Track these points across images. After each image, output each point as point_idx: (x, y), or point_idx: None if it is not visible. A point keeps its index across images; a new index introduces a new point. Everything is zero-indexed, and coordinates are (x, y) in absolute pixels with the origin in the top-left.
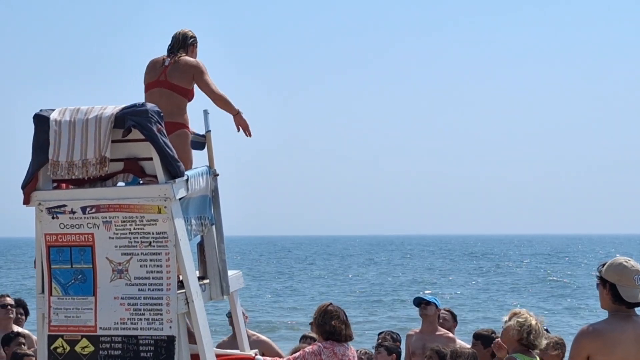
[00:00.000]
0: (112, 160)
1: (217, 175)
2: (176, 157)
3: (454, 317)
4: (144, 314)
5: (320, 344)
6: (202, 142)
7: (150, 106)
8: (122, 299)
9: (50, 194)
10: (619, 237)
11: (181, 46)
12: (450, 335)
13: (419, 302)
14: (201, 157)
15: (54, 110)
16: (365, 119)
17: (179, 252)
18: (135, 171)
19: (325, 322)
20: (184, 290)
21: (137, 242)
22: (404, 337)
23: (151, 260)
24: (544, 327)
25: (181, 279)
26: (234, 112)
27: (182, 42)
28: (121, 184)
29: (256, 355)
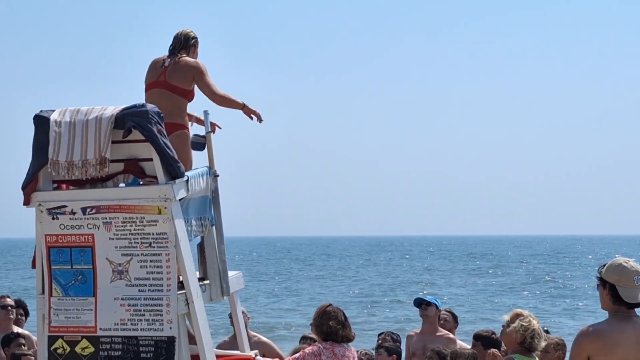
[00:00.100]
0: (112, 161)
1: (217, 176)
2: (176, 157)
3: (454, 318)
4: (144, 315)
5: (320, 345)
6: (202, 143)
7: (150, 107)
8: (122, 299)
9: (50, 194)
10: (619, 237)
11: (183, 47)
12: (450, 336)
13: (420, 303)
14: (201, 158)
15: (54, 111)
16: (365, 120)
17: (179, 252)
18: (135, 172)
19: (323, 323)
20: (184, 291)
21: (137, 243)
22: (403, 338)
23: (151, 261)
24: (543, 329)
25: (181, 279)
26: (240, 107)
27: (183, 42)
28: (121, 185)
29: (256, 356)
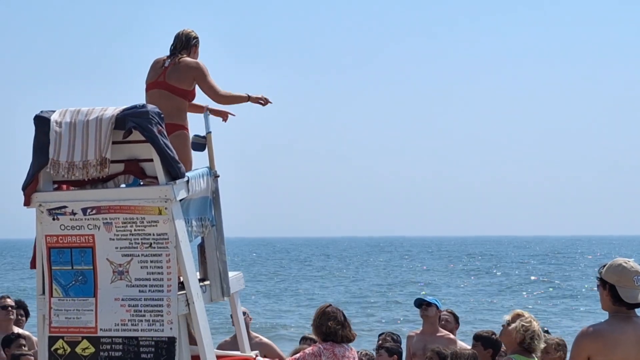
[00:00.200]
0: (113, 161)
1: (218, 176)
2: (177, 158)
3: (456, 319)
4: (144, 315)
5: (320, 346)
6: (202, 144)
7: (150, 107)
8: (122, 300)
9: (50, 195)
10: (619, 238)
11: (184, 47)
12: (451, 336)
13: (420, 304)
14: (201, 158)
15: (54, 111)
16: (364, 120)
17: (180, 253)
18: (135, 172)
19: (322, 324)
20: (184, 291)
21: (138, 244)
22: (402, 338)
23: (152, 261)
24: (543, 329)
25: (182, 280)
26: (246, 100)
27: (185, 42)
28: (122, 186)
29: (257, 356)
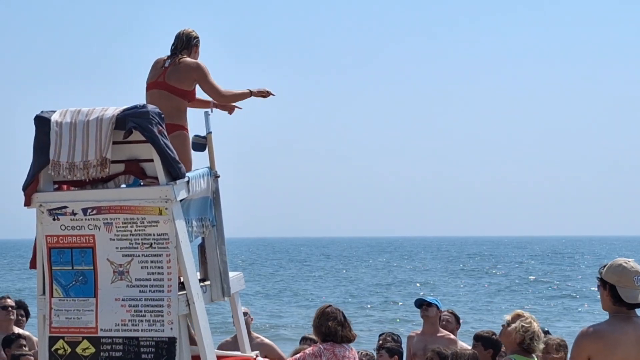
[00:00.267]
0: (113, 161)
1: (218, 176)
2: (177, 158)
3: (457, 319)
4: (144, 316)
5: (320, 346)
6: (203, 144)
7: (151, 108)
8: (123, 300)
9: (51, 195)
10: (619, 238)
11: (185, 47)
12: (451, 337)
13: (421, 304)
14: (201, 158)
15: (54, 111)
16: (364, 120)
17: (180, 253)
18: (136, 173)
19: (321, 324)
20: (185, 291)
21: (138, 244)
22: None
23: (152, 261)
24: (544, 330)
25: (182, 280)
26: (248, 96)
27: (185, 42)
28: (122, 186)
29: (257, 357)
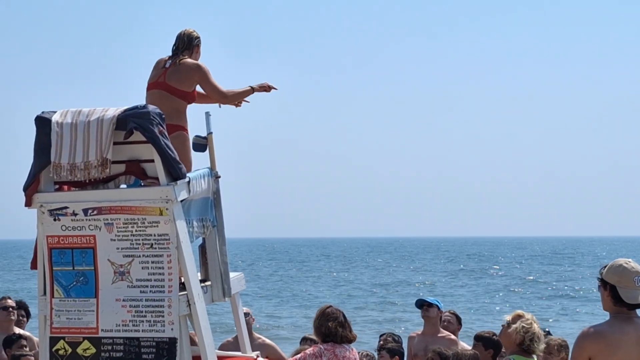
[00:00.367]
0: (114, 162)
1: (219, 177)
2: (178, 159)
3: (458, 320)
4: (145, 316)
5: (321, 346)
6: (203, 144)
7: (152, 108)
8: (123, 300)
9: (52, 196)
10: (620, 239)
11: (186, 47)
12: (452, 337)
13: (421, 304)
14: (201, 159)
15: (55, 112)
16: (364, 120)
17: (181, 254)
18: (136, 173)
19: (321, 325)
20: (185, 292)
21: (139, 244)
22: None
23: (153, 262)
24: (544, 330)
25: (183, 280)
26: (251, 93)
27: (187, 43)
28: (123, 186)
29: (258, 357)
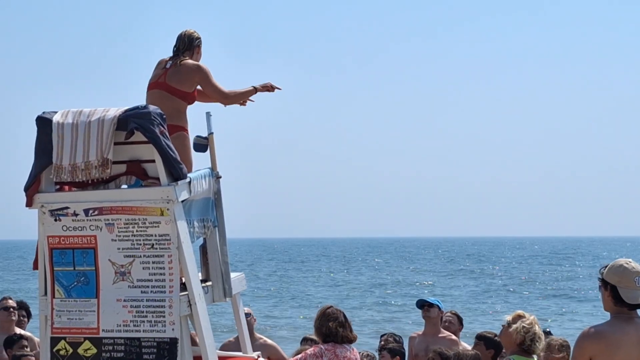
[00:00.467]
0: (115, 162)
1: (220, 177)
2: (179, 159)
3: (459, 320)
4: (146, 316)
5: (322, 347)
6: (204, 145)
7: (153, 108)
8: (124, 301)
9: (53, 196)
10: (620, 239)
11: (187, 48)
12: (453, 337)
13: (422, 305)
14: (201, 159)
15: (56, 112)
16: (364, 120)
17: (182, 254)
18: (137, 173)
19: (322, 325)
20: (186, 292)
21: (140, 245)
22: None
23: (154, 262)
24: (545, 330)
25: (184, 281)
26: (253, 93)
27: (187, 43)
28: (124, 187)
29: (259, 357)
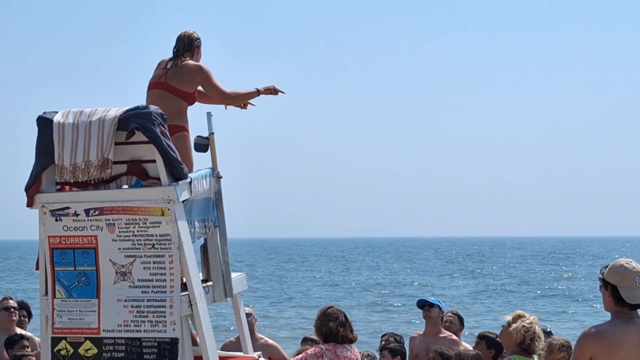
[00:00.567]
0: (115, 162)
1: (221, 177)
2: (179, 159)
3: (460, 320)
4: (147, 317)
5: (322, 347)
6: (205, 145)
7: (153, 108)
8: (125, 301)
9: (53, 196)
10: (620, 239)
11: (187, 49)
12: (454, 337)
13: (423, 305)
14: (202, 159)
15: (57, 112)
16: (363, 120)
17: (183, 254)
18: (138, 173)
19: (322, 325)
20: (187, 292)
21: (141, 245)
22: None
23: (154, 262)
24: (546, 330)
25: (184, 281)
26: (256, 95)
27: (187, 44)
28: (124, 187)
29: (259, 357)
